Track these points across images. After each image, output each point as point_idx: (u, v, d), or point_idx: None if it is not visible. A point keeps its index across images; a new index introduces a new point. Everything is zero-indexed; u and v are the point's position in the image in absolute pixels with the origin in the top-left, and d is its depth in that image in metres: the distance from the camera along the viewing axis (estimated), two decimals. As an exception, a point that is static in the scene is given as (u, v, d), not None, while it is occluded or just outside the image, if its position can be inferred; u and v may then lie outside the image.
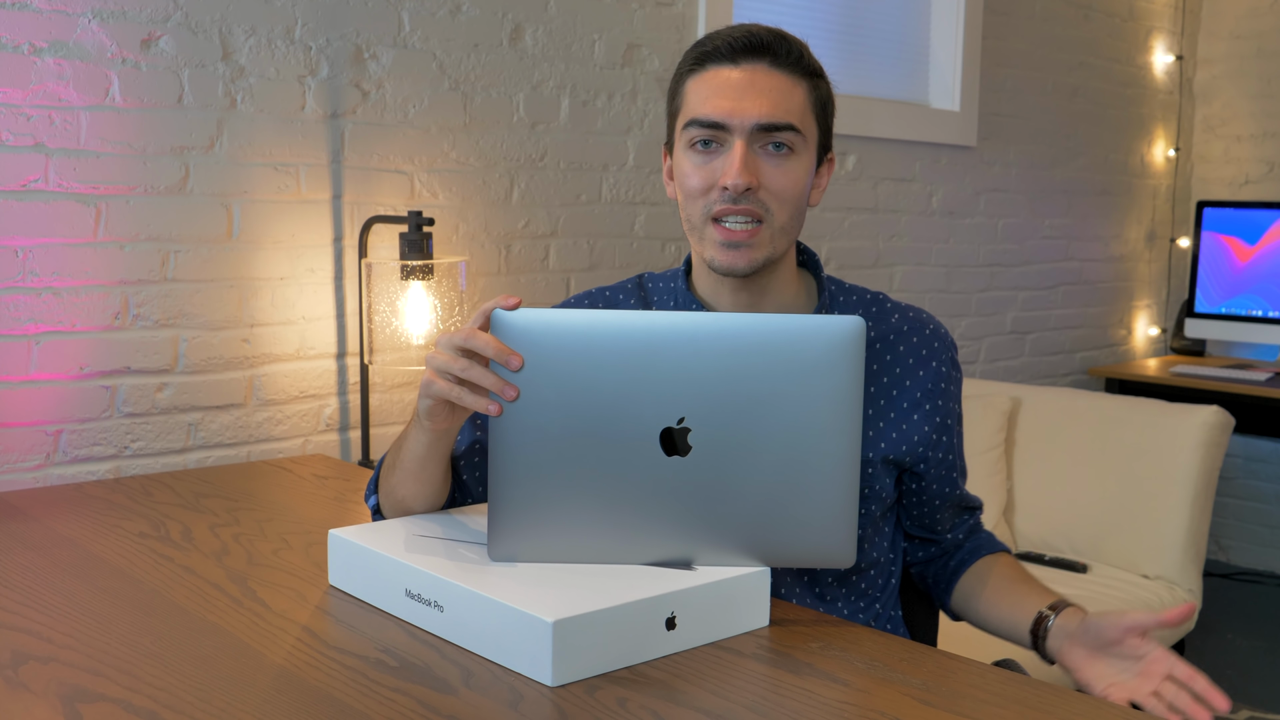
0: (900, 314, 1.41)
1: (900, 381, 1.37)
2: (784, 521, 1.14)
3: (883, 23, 3.27)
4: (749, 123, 1.26)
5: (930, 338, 1.40)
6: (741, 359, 1.11)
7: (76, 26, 1.87)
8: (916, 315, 1.42)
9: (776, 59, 1.28)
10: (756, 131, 1.26)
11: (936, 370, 1.39)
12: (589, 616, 1.04)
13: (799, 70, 1.29)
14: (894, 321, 1.40)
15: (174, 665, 1.08)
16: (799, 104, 1.28)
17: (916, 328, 1.40)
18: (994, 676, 1.09)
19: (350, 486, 1.84)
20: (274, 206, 2.10)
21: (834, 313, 1.39)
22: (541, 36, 2.44)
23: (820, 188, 1.37)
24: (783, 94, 1.27)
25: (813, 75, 1.31)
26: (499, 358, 1.09)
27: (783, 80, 1.28)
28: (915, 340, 1.39)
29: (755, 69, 1.27)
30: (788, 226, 1.31)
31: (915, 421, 1.37)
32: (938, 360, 1.39)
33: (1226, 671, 3.20)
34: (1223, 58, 4.18)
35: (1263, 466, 4.07)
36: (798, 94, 1.28)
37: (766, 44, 1.27)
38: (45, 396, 1.88)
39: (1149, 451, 2.77)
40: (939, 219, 3.39)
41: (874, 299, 1.42)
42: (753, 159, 1.27)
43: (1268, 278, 3.71)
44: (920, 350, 1.39)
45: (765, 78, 1.27)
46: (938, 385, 1.38)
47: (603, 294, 1.45)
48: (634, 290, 1.43)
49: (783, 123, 1.27)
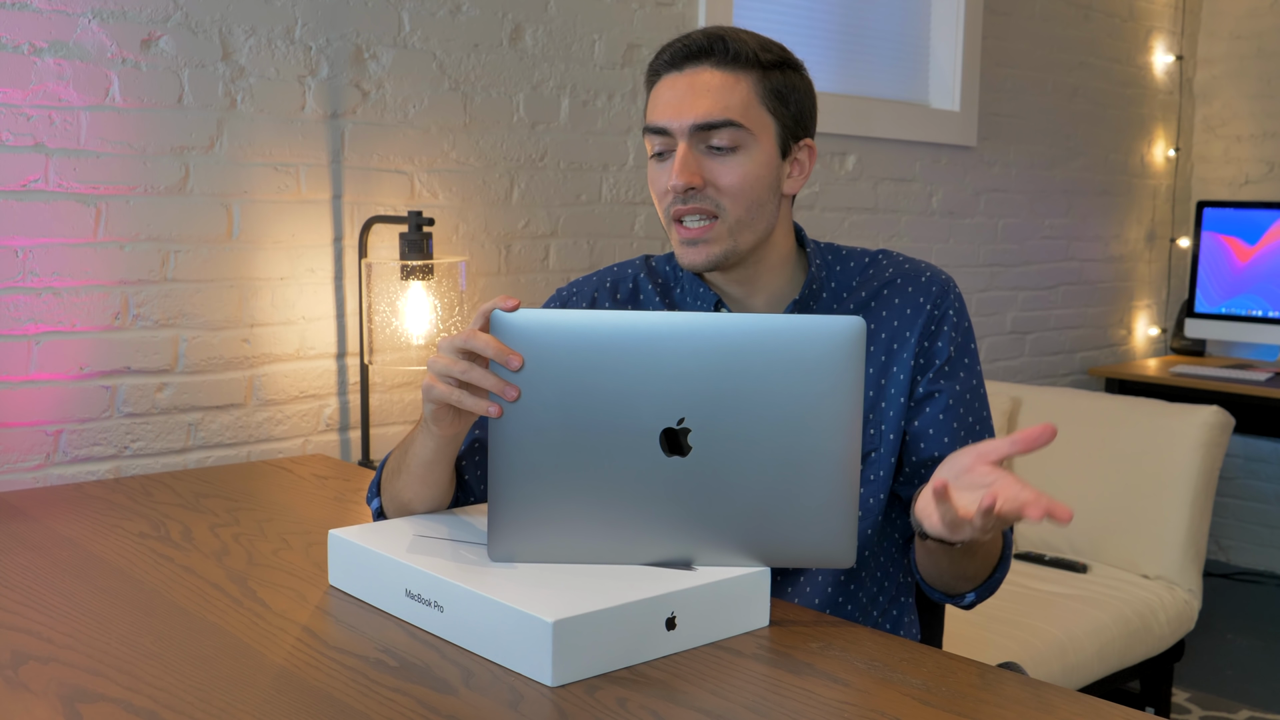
0: (895, 267, 1.42)
1: (897, 335, 1.38)
2: (784, 521, 1.14)
3: (883, 23, 3.27)
4: (687, 124, 1.30)
5: (926, 285, 1.40)
6: (741, 359, 1.11)
7: (76, 26, 1.87)
8: (914, 266, 1.42)
9: (717, 59, 1.31)
10: (696, 131, 1.30)
11: (929, 314, 1.38)
12: (589, 616, 1.04)
13: (740, 65, 1.31)
14: (887, 275, 1.41)
15: (174, 665, 1.08)
16: (740, 99, 1.30)
17: (911, 277, 1.41)
18: (994, 676, 1.09)
19: (350, 486, 1.84)
20: (274, 206, 2.10)
21: (829, 284, 1.41)
22: (541, 36, 2.44)
23: (798, 176, 1.38)
24: (720, 92, 1.30)
25: (762, 67, 1.32)
26: (499, 358, 1.09)
27: (722, 78, 1.30)
28: (910, 290, 1.40)
29: (698, 71, 1.31)
30: (746, 220, 1.32)
31: (906, 365, 1.37)
32: (931, 305, 1.39)
33: (1226, 671, 3.20)
34: (1223, 58, 4.18)
35: (1263, 466, 4.07)
36: (739, 89, 1.30)
37: (705, 47, 1.31)
38: (45, 396, 1.88)
39: (1149, 451, 2.77)
40: (939, 219, 3.39)
41: (873, 259, 1.43)
42: (695, 158, 1.31)
43: (1268, 278, 3.71)
44: (916, 298, 1.39)
45: (705, 78, 1.30)
46: (926, 328, 1.38)
47: (610, 271, 1.48)
48: (642, 265, 1.47)
49: (718, 120, 1.29)
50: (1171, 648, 2.67)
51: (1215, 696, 3.02)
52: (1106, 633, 2.47)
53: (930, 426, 1.37)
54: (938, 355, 1.38)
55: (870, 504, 1.38)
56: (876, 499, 1.38)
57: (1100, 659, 2.44)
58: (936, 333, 1.39)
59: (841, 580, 1.38)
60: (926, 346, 1.38)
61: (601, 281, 1.46)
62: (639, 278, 1.46)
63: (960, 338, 1.40)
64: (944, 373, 1.38)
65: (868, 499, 1.37)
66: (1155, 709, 2.70)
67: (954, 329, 1.39)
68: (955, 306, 1.41)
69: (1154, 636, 2.58)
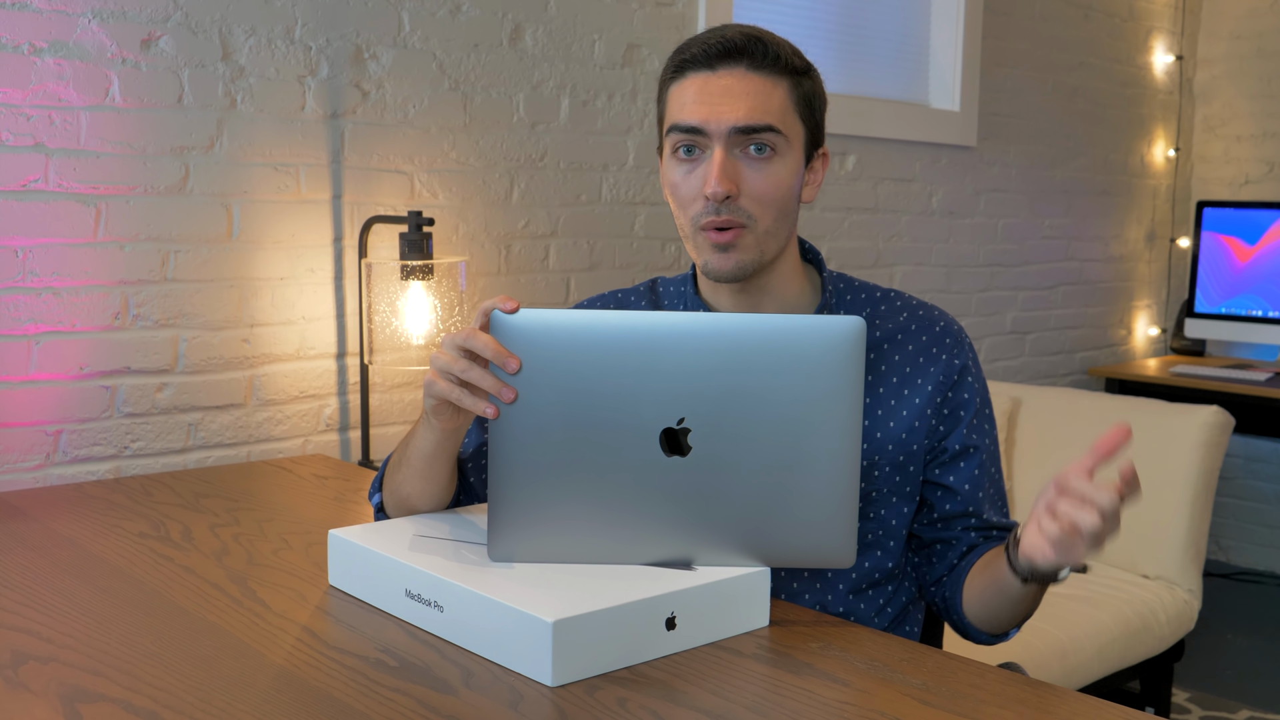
0: (910, 312, 1.40)
1: (910, 380, 1.36)
2: (784, 521, 1.14)
3: (883, 23, 3.27)
4: (726, 126, 1.27)
5: (940, 335, 1.39)
6: (741, 359, 1.11)
7: (76, 26, 1.87)
8: (928, 313, 1.40)
9: (753, 61, 1.28)
10: (735, 135, 1.27)
11: (948, 364, 1.37)
12: (589, 616, 1.04)
13: (777, 70, 1.29)
14: (902, 320, 1.39)
15: (174, 665, 1.08)
16: (778, 104, 1.28)
17: (925, 325, 1.39)
18: (994, 676, 1.09)
19: (350, 486, 1.84)
20: (274, 206, 2.10)
21: (837, 311, 1.39)
22: (541, 36, 2.44)
23: (814, 184, 1.37)
24: (760, 96, 1.27)
25: (794, 73, 1.30)
26: (497, 360, 1.10)
27: (760, 82, 1.28)
28: (924, 339, 1.38)
29: (733, 73, 1.28)
30: (773, 229, 1.31)
31: (921, 414, 1.36)
32: (948, 355, 1.37)
33: (1226, 671, 3.20)
34: (1223, 58, 4.18)
35: (1263, 466, 4.07)
36: (777, 94, 1.28)
37: (741, 47, 1.28)
38: (45, 396, 1.88)
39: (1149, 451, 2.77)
40: (939, 219, 3.39)
41: (884, 296, 1.42)
42: (732, 164, 1.27)
43: (1268, 278, 3.71)
44: (931, 348, 1.37)
45: (742, 81, 1.27)
46: (949, 380, 1.37)
47: (615, 296, 1.47)
48: (646, 293, 1.46)
49: (760, 124, 1.27)
50: (1171, 648, 2.67)
51: (1215, 696, 3.02)
52: (1106, 633, 2.47)
53: (966, 482, 1.37)
54: (964, 408, 1.37)
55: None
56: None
57: (1100, 659, 2.44)
58: (960, 384, 1.38)
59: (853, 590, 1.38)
60: (951, 398, 1.37)
61: (605, 305, 1.46)
62: (640, 306, 1.45)
63: (980, 388, 1.40)
64: (974, 426, 1.38)
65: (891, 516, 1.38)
66: (1155, 709, 2.70)
67: (975, 379, 1.40)
68: (972, 357, 1.40)
69: (1154, 636, 2.58)
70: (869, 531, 1.37)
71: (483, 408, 1.11)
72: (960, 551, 1.39)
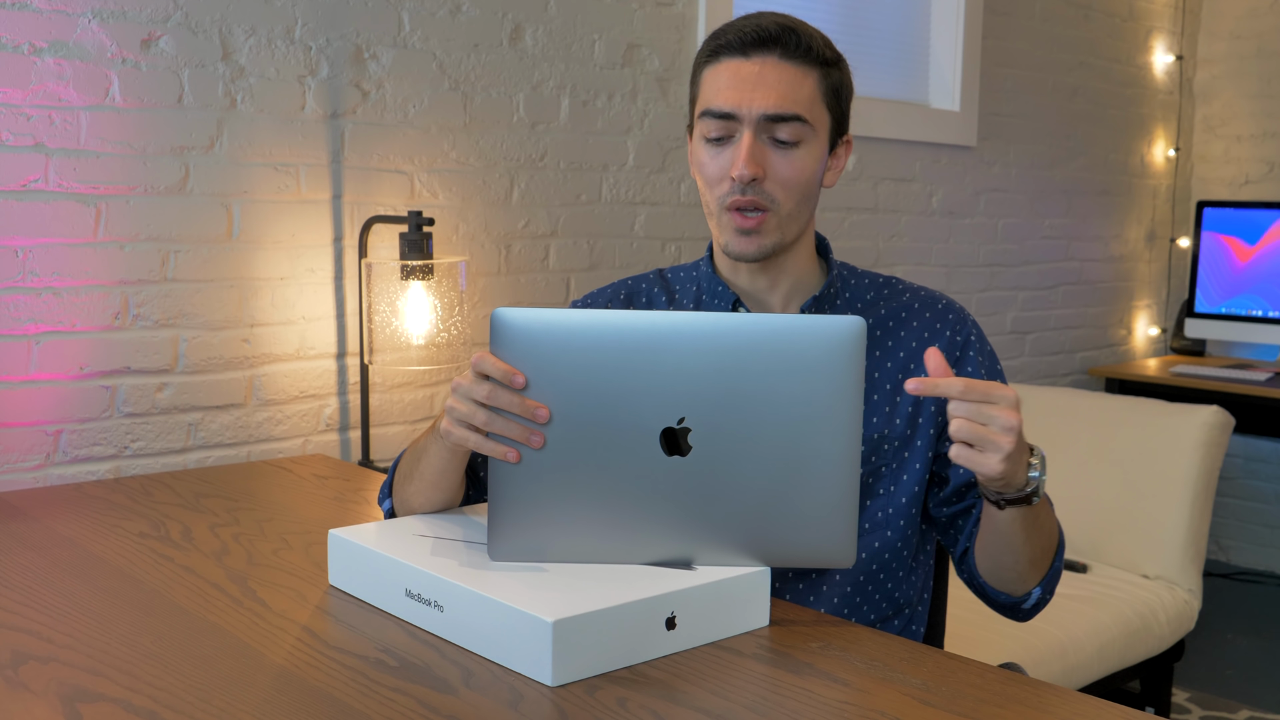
0: (912, 293, 1.44)
1: (915, 357, 1.39)
2: (784, 521, 1.14)
3: (883, 23, 3.27)
4: (756, 113, 1.30)
5: (943, 311, 1.42)
6: (742, 359, 1.11)
7: (76, 26, 1.87)
8: (929, 294, 1.44)
9: (786, 50, 1.31)
10: (764, 122, 1.30)
11: (951, 340, 1.40)
12: (589, 616, 1.04)
13: (808, 60, 1.32)
14: (905, 300, 1.43)
15: (174, 665, 1.08)
16: (807, 94, 1.32)
17: (928, 303, 1.43)
18: (994, 676, 1.09)
19: (350, 486, 1.84)
20: (274, 206, 2.10)
21: (843, 294, 1.43)
22: (541, 36, 2.44)
23: (836, 169, 1.40)
24: (791, 85, 1.30)
25: (824, 64, 1.33)
26: (503, 379, 1.10)
27: (792, 71, 1.31)
28: (928, 315, 1.41)
29: (765, 60, 1.31)
30: (795, 213, 1.34)
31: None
32: (951, 330, 1.41)
33: (1226, 671, 3.20)
34: (1223, 58, 4.18)
35: (1263, 466, 4.07)
36: (807, 84, 1.32)
37: (775, 36, 1.31)
38: (45, 396, 1.88)
39: (1149, 451, 2.77)
40: (939, 219, 3.39)
41: (886, 281, 1.46)
42: (760, 149, 1.31)
43: (1268, 278, 3.71)
44: (934, 324, 1.41)
45: (774, 70, 1.30)
46: (951, 354, 1.39)
47: (625, 284, 1.48)
48: (656, 279, 1.48)
49: (789, 114, 1.30)
50: (1171, 648, 2.67)
51: (1215, 696, 3.02)
52: (1106, 633, 2.47)
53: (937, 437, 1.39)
54: None
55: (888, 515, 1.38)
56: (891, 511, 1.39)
57: (1100, 659, 2.44)
58: (962, 359, 1.40)
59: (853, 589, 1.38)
60: (955, 372, 1.37)
61: (615, 294, 1.47)
62: (652, 292, 1.47)
63: (986, 360, 1.42)
64: None
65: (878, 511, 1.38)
66: (1155, 709, 2.70)
67: (979, 353, 1.41)
68: (976, 332, 1.42)
69: (1154, 636, 2.58)
70: (879, 510, 1.38)
71: (504, 452, 1.11)
72: (976, 519, 1.40)
